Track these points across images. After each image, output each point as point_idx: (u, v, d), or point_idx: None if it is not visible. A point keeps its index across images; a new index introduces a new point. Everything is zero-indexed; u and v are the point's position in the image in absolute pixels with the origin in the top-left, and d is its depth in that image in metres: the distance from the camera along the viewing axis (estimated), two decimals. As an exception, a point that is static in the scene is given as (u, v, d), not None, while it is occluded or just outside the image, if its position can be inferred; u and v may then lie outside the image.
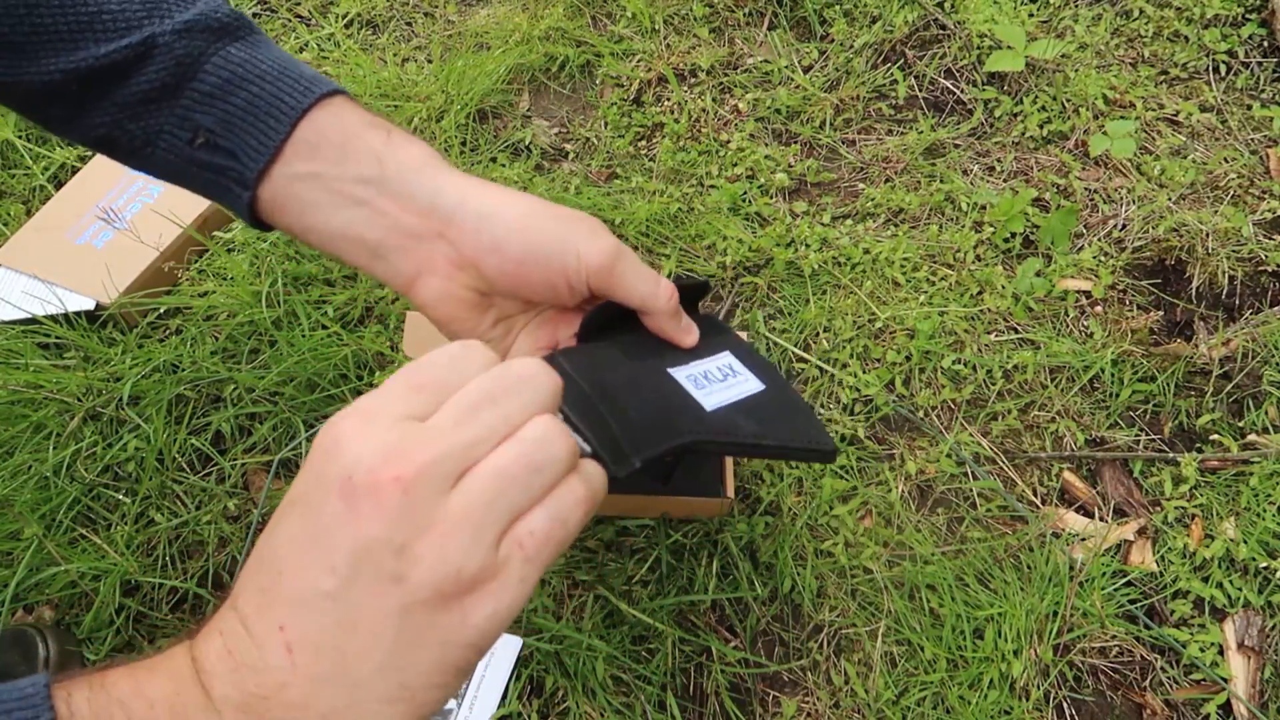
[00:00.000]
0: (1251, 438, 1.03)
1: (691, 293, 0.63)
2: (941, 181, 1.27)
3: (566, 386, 0.41)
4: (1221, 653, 0.90)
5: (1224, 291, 1.15)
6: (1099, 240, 1.20)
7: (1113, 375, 1.08)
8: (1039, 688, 0.87)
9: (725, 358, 0.60)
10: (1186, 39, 1.42)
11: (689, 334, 0.57)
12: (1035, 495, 1.01)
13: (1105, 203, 1.24)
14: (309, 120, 0.51)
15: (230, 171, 0.52)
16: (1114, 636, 0.91)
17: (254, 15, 1.53)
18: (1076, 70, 1.38)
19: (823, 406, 1.06)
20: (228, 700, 0.33)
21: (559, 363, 0.46)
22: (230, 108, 0.51)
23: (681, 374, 0.54)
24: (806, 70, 1.41)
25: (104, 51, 0.51)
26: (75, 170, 1.29)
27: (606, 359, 0.50)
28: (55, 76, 0.52)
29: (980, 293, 1.15)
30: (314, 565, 0.34)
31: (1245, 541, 0.95)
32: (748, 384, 0.58)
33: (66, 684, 0.35)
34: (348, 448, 0.35)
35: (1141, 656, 0.90)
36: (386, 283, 0.54)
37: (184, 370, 1.06)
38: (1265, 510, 0.97)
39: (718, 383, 0.56)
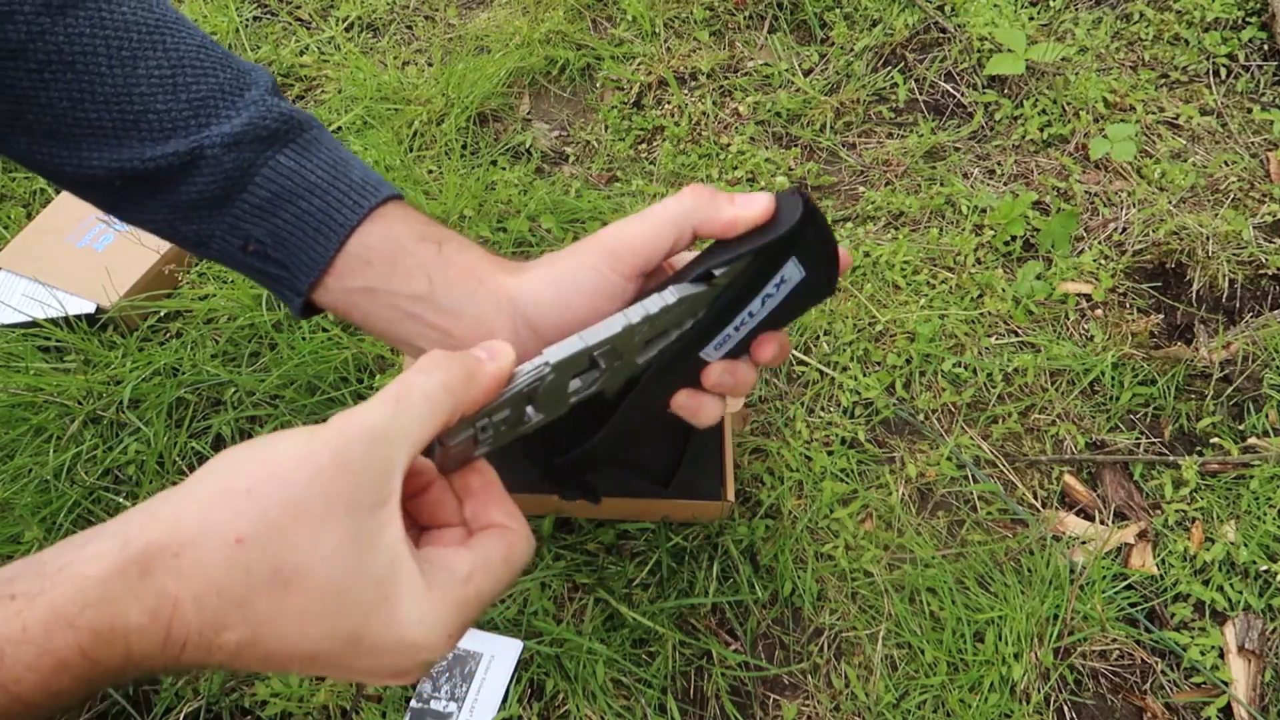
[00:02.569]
0: (1252, 441, 1.03)
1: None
2: (942, 185, 1.27)
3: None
4: (1222, 656, 0.90)
5: (1224, 295, 1.15)
6: (1099, 243, 1.20)
7: (1113, 378, 1.08)
8: (1039, 691, 0.87)
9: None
10: (1187, 42, 1.43)
11: (749, 206, 0.48)
12: (1036, 498, 1.01)
13: (1105, 206, 1.24)
14: (359, 235, 0.51)
15: (283, 279, 0.53)
16: (1114, 640, 0.91)
17: (254, 19, 1.53)
18: (1077, 74, 1.38)
19: (823, 410, 1.06)
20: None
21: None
22: (280, 222, 0.51)
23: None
24: (807, 73, 1.42)
25: (149, 155, 0.51)
26: (76, 173, 1.29)
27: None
28: (99, 172, 0.51)
29: (980, 296, 1.15)
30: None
31: (1246, 545, 0.95)
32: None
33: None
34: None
35: (1142, 660, 0.90)
36: None
37: (184, 373, 1.06)
38: (1266, 513, 0.97)
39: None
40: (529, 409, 0.47)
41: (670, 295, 0.48)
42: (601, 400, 0.52)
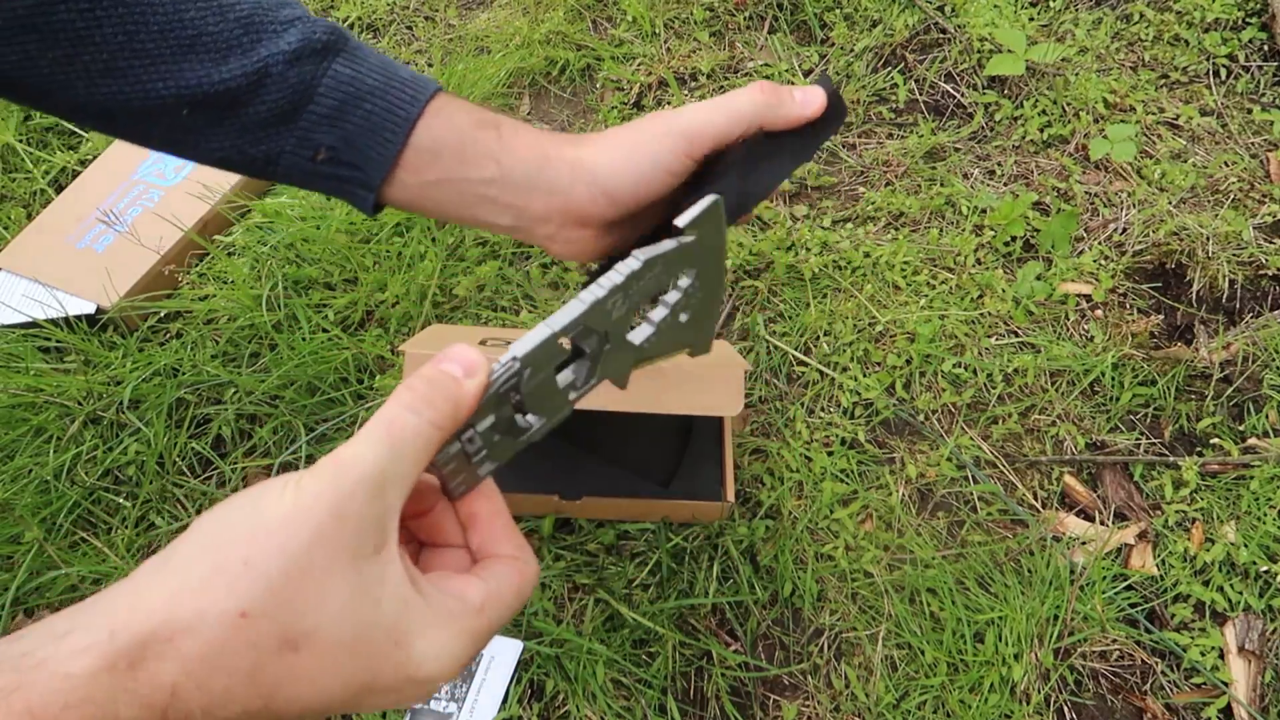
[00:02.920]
0: (1252, 441, 1.03)
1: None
2: (942, 185, 1.27)
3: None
4: (1222, 656, 0.90)
5: (1224, 295, 1.15)
6: (1099, 244, 1.20)
7: (1113, 379, 1.08)
8: (1040, 691, 0.87)
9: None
10: (1187, 43, 1.43)
11: (812, 100, 0.54)
12: (1036, 499, 1.01)
13: (1106, 206, 1.24)
14: (424, 127, 0.55)
15: (355, 179, 0.56)
16: (1115, 640, 0.91)
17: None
18: (1077, 74, 1.38)
19: (823, 410, 1.06)
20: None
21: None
22: (350, 127, 0.54)
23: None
24: (807, 74, 1.42)
25: (218, 79, 0.53)
26: (76, 174, 1.30)
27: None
28: (167, 99, 0.53)
29: (981, 296, 1.15)
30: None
31: (1246, 545, 0.95)
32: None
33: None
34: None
35: (1142, 660, 0.90)
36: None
37: (184, 374, 1.06)
38: (1266, 514, 0.97)
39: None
40: (529, 416, 0.44)
41: (635, 261, 0.46)
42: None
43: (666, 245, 0.47)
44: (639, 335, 0.49)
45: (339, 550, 0.35)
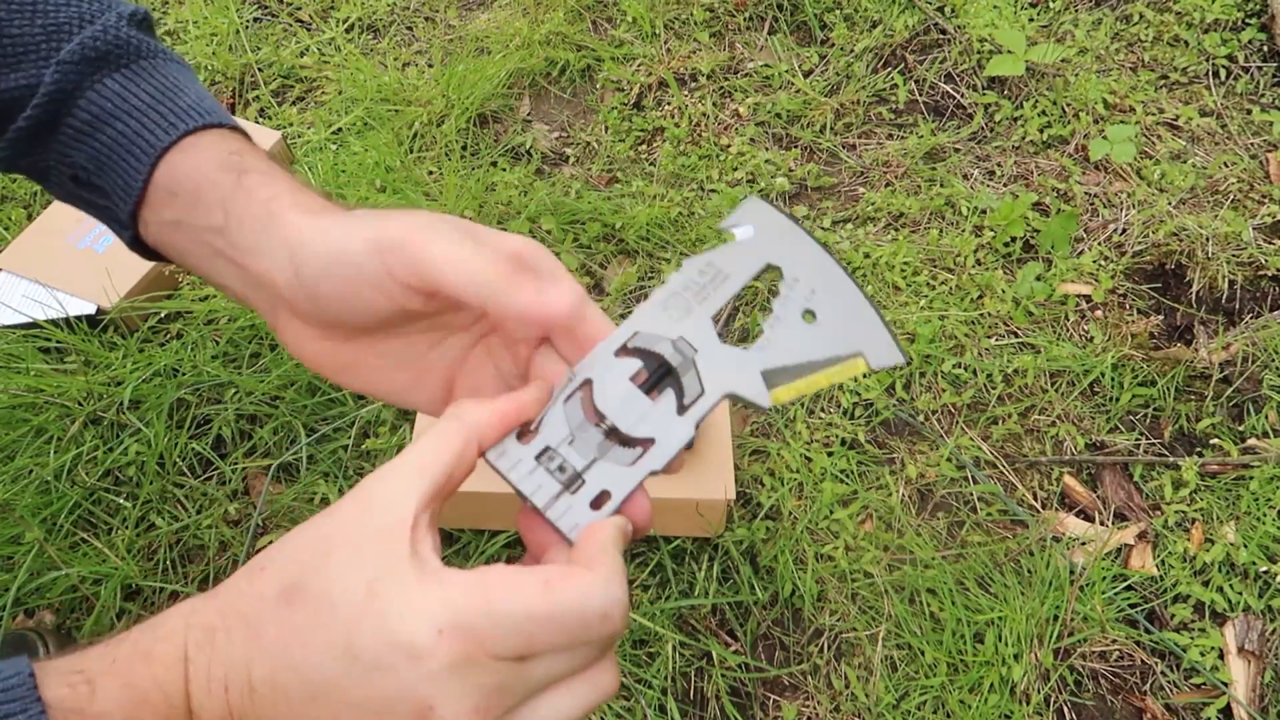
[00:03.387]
0: (1251, 442, 1.03)
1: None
2: (942, 186, 1.27)
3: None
4: (1222, 657, 0.90)
5: (1224, 296, 1.15)
6: (1099, 244, 1.20)
7: (1113, 379, 1.08)
8: (1039, 692, 0.87)
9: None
10: (1186, 44, 1.43)
11: (551, 300, 0.40)
12: (1035, 499, 1.01)
13: (1105, 207, 1.24)
14: (168, 165, 0.48)
15: (109, 210, 0.50)
16: (1114, 640, 0.91)
17: (255, 20, 1.53)
18: (1077, 75, 1.38)
19: (823, 411, 1.06)
20: None
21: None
22: (99, 145, 0.49)
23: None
24: (807, 75, 1.42)
25: (3, 87, 0.49)
26: (77, 174, 1.30)
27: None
28: None
29: (980, 297, 1.15)
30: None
31: (1245, 545, 0.95)
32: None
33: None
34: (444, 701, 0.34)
35: (1142, 660, 0.90)
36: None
37: (184, 374, 1.06)
38: (1265, 514, 0.97)
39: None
40: (637, 437, 0.40)
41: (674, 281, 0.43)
42: None
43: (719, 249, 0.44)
44: (761, 343, 0.43)
45: (352, 524, 0.36)
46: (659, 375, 0.41)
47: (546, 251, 0.42)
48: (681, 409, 0.41)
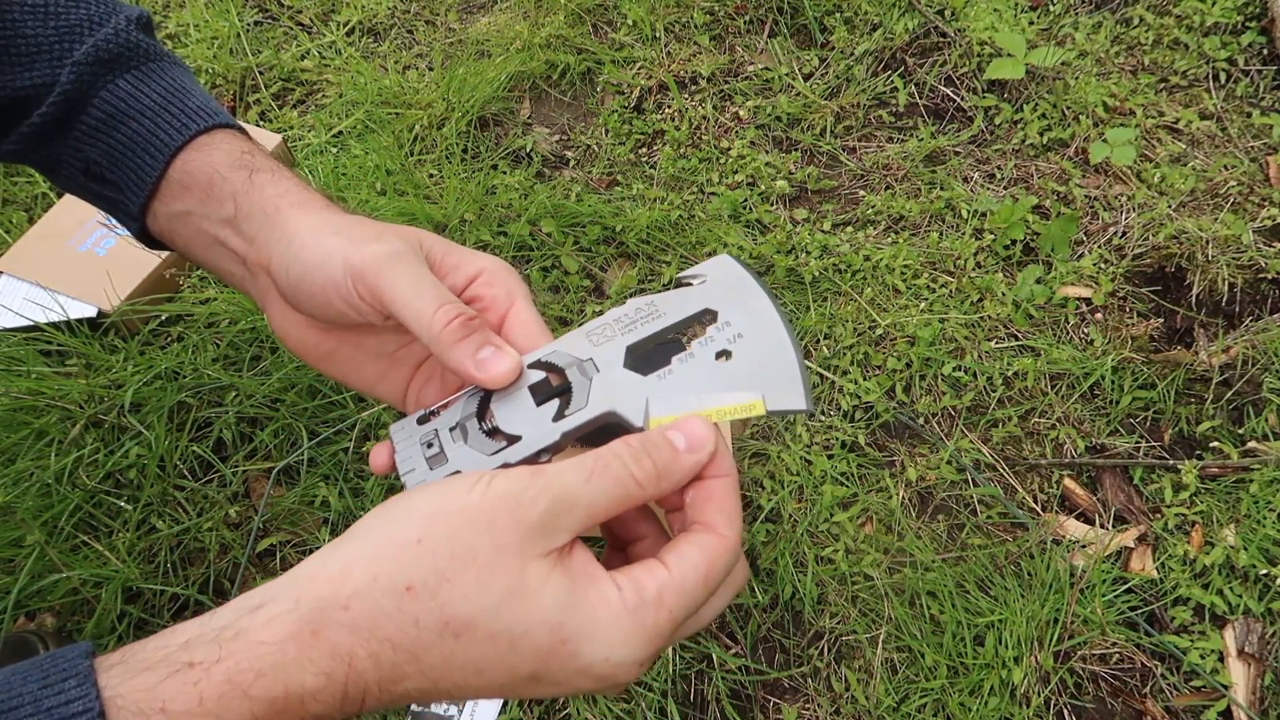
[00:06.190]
0: (1252, 445, 1.03)
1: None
2: (942, 189, 1.27)
3: None
4: (1222, 659, 0.90)
5: (1224, 299, 1.15)
6: (1099, 247, 1.20)
7: (1113, 382, 1.08)
8: (1040, 694, 0.87)
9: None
10: (1186, 47, 1.43)
11: (484, 369, 0.43)
12: (1036, 502, 1.01)
13: (1105, 210, 1.24)
14: (182, 160, 0.52)
15: (119, 203, 0.54)
16: (1114, 643, 0.91)
17: (256, 23, 1.54)
18: (1077, 78, 1.38)
19: (823, 413, 1.06)
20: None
21: None
22: (113, 142, 0.53)
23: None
24: (807, 78, 1.42)
25: (18, 85, 0.52)
26: (78, 177, 1.30)
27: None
28: None
29: (980, 300, 1.16)
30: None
31: (1245, 548, 0.95)
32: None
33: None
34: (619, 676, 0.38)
35: (1142, 663, 0.90)
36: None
37: (185, 377, 1.06)
38: (1265, 517, 0.97)
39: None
40: (505, 431, 0.44)
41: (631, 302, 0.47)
42: None
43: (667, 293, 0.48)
44: (663, 373, 0.46)
45: (507, 548, 0.36)
46: (559, 388, 0.45)
47: (507, 275, 0.48)
48: (559, 416, 0.44)
